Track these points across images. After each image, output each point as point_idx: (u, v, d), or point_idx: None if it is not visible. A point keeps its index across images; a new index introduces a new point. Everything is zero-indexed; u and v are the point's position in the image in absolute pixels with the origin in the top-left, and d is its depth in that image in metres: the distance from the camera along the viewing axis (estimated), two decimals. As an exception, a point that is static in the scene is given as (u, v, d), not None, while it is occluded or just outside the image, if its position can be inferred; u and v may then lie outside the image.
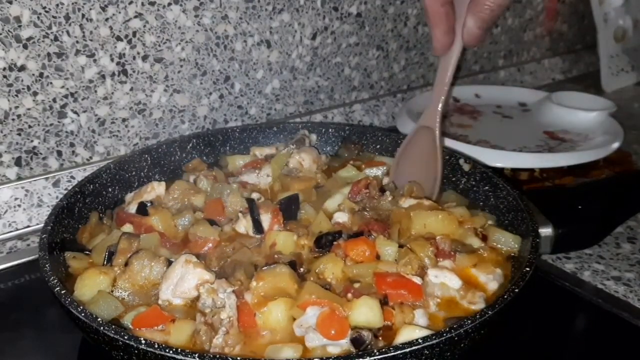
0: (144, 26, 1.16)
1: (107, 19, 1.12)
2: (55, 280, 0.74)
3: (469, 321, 0.66)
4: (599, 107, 1.47)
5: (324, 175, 1.11)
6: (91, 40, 1.11)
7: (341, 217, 0.94)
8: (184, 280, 0.78)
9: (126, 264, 0.83)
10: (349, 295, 0.79)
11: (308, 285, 0.78)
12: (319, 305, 0.75)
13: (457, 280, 0.82)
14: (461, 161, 1.08)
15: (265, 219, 0.93)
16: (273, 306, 0.76)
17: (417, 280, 0.81)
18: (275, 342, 0.74)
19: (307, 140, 1.19)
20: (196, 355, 0.61)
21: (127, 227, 0.93)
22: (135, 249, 0.86)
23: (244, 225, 0.93)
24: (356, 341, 0.72)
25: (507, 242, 0.89)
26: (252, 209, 0.94)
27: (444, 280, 0.82)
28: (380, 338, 0.74)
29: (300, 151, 1.13)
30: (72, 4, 1.07)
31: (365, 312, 0.74)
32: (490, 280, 0.84)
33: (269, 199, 1.01)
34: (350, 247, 0.86)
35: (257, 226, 0.92)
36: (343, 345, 0.72)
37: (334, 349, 0.72)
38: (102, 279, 0.81)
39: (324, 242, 0.88)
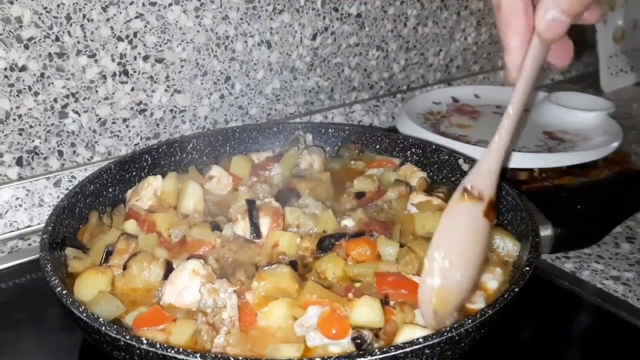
0: (145, 26, 1.17)
1: (108, 20, 1.12)
2: (57, 281, 0.74)
3: (470, 320, 0.66)
4: (598, 108, 1.48)
5: (329, 175, 1.11)
6: (92, 40, 1.11)
7: (348, 223, 0.94)
8: (189, 292, 0.79)
9: (124, 268, 0.84)
10: (350, 294, 0.79)
11: (309, 285, 0.78)
12: (320, 305, 0.75)
13: None
14: (461, 161, 1.09)
15: (265, 222, 0.92)
16: (274, 306, 0.76)
17: (417, 279, 0.81)
18: (277, 341, 0.74)
19: (303, 139, 1.19)
20: (198, 355, 0.61)
21: (131, 224, 0.93)
22: (132, 249, 0.86)
23: (242, 228, 0.92)
24: (357, 340, 0.72)
25: (507, 247, 0.89)
26: (252, 211, 0.93)
27: None
28: (380, 337, 0.74)
29: (311, 152, 1.14)
30: (73, 4, 1.07)
31: (366, 312, 0.74)
32: (490, 279, 0.84)
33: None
34: (352, 246, 0.86)
35: (255, 230, 0.92)
36: (344, 344, 0.73)
37: (335, 349, 0.72)
38: (101, 278, 0.82)
39: (327, 245, 0.88)
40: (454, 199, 0.71)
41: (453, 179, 1.10)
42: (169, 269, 0.83)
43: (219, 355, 0.62)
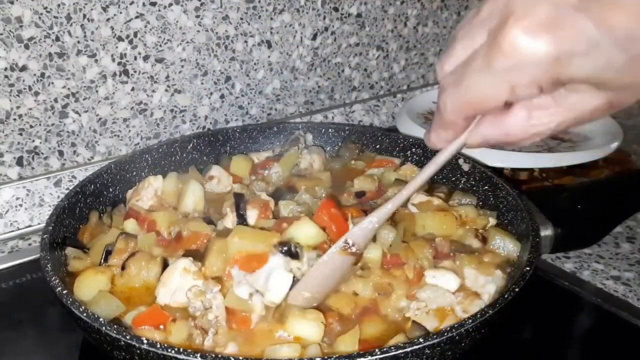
0: (145, 26, 1.17)
1: (108, 19, 1.12)
2: (57, 280, 0.74)
3: (470, 320, 0.67)
4: (599, 107, 1.47)
5: (329, 175, 1.11)
6: (92, 40, 1.11)
7: None
8: (183, 291, 0.78)
9: (123, 267, 0.84)
10: (284, 224, 0.83)
11: (236, 228, 0.83)
12: (236, 263, 0.79)
13: (455, 280, 0.82)
14: (461, 161, 1.08)
15: (252, 214, 0.92)
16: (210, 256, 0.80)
17: (350, 225, 0.86)
18: (269, 339, 0.74)
19: (303, 139, 1.19)
20: (198, 355, 0.61)
21: (131, 223, 0.93)
22: (131, 249, 0.86)
23: (231, 220, 0.92)
24: (285, 249, 0.78)
25: (507, 247, 0.89)
26: (238, 204, 0.93)
27: (441, 281, 0.81)
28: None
29: (311, 152, 1.14)
30: (74, 4, 1.07)
31: (303, 231, 0.81)
32: (489, 282, 0.84)
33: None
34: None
35: (242, 222, 0.91)
36: (278, 262, 0.78)
37: (277, 273, 0.77)
38: (100, 278, 0.82)
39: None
40: (334, 248, 0.80)
41: (453, 179, 1.09)
42: (166, 267, 0.83)
43: (219, 355, 0.62)
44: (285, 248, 0.79)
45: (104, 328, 0.66)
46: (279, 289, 0.77)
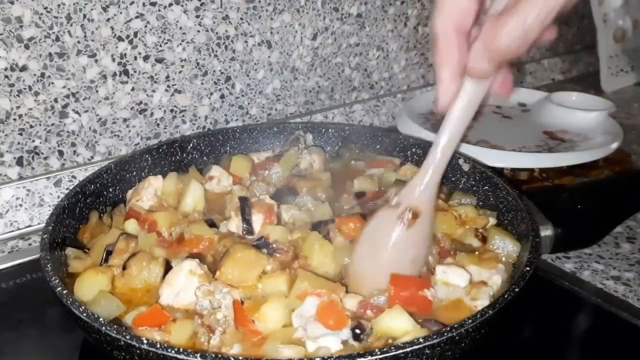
0: (145, 26, 1.17)
1: (108, 20, 1.12)
2: (57, 280, 0.74)
3: (470, 321, 0.67)
4: (599, 107, 1.48)
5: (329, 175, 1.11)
6: (92, 40, 1.11)
7: None
8: (187, 293, 0.78)
9: (124, 268, 0.84)
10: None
11: (301, 274, 0.78)
12: (318, 296, 0.76)
13: (466, 275, 0.82)
14: (461, 161, 1.08)
15: (257, 219, 0.93)
16: (268, 309, 0.76)
17: (429, 294, 0.79)
18: (273, 338, 0.74)
19: (303, 139, 1.19)
20: (198, 355, 0.61)
21: (131, 223, 0.93)
22: (132, 249, 0.86)
23: (235, 225, 0.93)
24: (357, 330, 0.73)
25: (507, 247, 0.89)
26: (244, 208, 0.93)
27: (452, 276, 0.82)
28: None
29: (311, 152, 1.14)
30: (74, 4, 1.07)
31: (398, 323, 0.74)
32: (494, 274, 0.84)
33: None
34: (344, 221, 0.88)
35: (248, 226, 0.92)
36: (343, 335, 0.73)
37: (333, 339, 0.72)
38: (101, 278, 0.82)
39: (319, 228, 0.90)
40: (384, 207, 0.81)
41: (453, 179, 1.09)
42: (168, 269, 0.83)
43: (219, 355, 0.62)
44: (358, 330, 0.73)
45: (104, 328, 0.66)
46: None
